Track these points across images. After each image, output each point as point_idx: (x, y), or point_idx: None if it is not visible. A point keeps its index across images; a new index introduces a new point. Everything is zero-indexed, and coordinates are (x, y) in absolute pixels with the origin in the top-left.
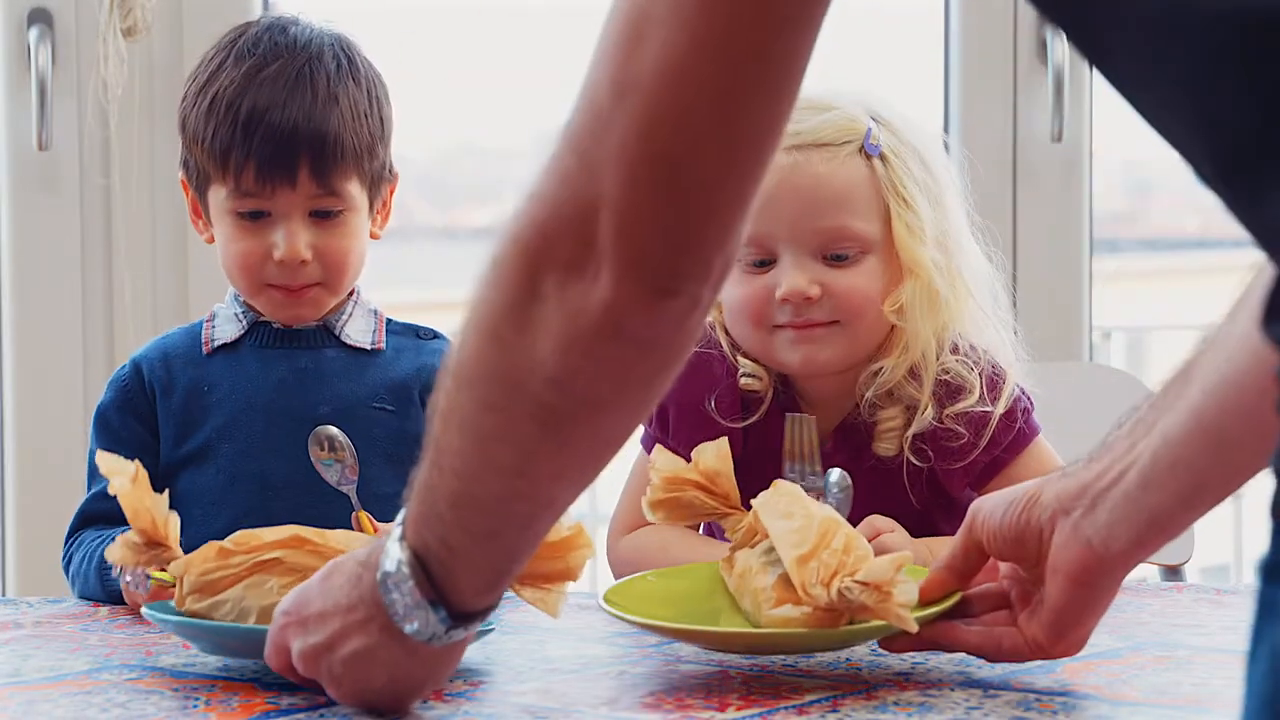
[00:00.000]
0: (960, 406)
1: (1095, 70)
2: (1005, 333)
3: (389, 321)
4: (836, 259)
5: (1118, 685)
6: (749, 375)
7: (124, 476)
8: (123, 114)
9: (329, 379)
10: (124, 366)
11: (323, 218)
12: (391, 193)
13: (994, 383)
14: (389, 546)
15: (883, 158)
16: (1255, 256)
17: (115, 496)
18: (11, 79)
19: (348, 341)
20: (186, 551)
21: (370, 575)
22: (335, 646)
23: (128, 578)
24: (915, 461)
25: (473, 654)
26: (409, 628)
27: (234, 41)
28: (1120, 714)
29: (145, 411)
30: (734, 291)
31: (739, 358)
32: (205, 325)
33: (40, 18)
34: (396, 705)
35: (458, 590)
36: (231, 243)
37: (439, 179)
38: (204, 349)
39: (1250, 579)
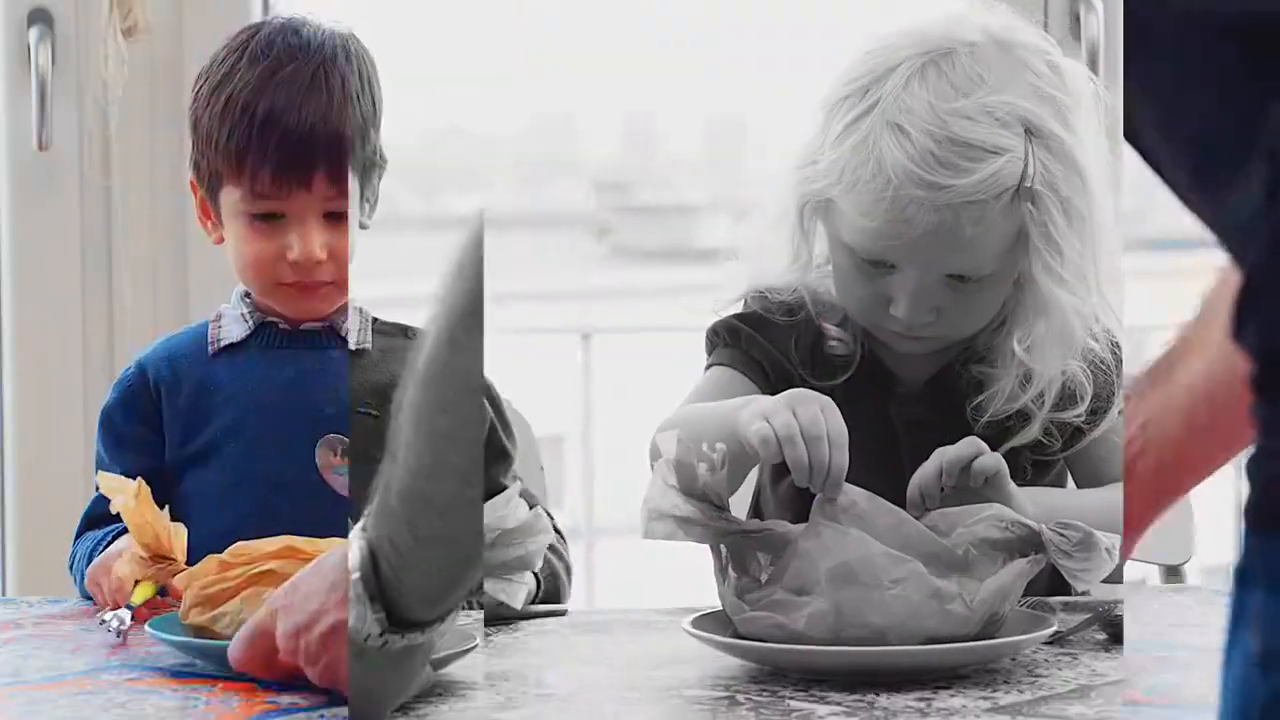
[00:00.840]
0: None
1: None
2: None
3: (375, 320)
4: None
5: (1118, 685)
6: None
7: (126, 495)
8: (123, 114)
9: (335, 380)
10: (128, 368)
11: (336, 219)
12: (379, 180)
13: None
14: (351, 537)
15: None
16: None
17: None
18: (11, 79)
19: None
20: (189, 553)
21: None
22: (313, 624)
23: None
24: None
25: (466, 674)
26: (350, 622)
27: (246, 43)
28: (1121, 714)
29: (149, 412)
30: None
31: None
32: (211, 326)
33: (40, 18)
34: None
35: (399, 592)
36: (245, 244)
37: (422, 163)
38: (210, 349)
39: None
